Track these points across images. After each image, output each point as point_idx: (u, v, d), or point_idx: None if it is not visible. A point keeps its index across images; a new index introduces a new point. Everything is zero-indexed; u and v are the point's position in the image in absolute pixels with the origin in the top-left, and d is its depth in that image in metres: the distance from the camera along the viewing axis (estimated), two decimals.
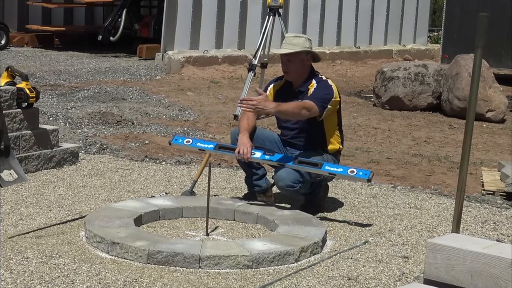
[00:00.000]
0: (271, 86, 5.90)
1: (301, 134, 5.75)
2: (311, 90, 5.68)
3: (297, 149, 5.78)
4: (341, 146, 5.89)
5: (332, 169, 5.51)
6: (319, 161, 5.55)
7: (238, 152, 5.59)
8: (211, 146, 5.81)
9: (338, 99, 5.74)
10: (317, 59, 5.86)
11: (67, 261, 4.57)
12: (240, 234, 5.32)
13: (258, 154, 5.61)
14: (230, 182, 6.73)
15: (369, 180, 5.45)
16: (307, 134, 5.74)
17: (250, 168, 5.90)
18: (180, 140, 5.87)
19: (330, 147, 5.79)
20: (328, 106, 5.62)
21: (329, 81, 5.79)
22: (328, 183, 6.11)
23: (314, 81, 5.74)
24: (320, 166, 5.50)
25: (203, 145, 5.83)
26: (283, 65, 5.76)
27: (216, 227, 5.42)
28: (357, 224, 5.67)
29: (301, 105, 5.53)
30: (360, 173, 5.44)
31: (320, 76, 5.81)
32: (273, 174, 5.92)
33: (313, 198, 5.89)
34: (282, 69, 5.82)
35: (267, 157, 5.61)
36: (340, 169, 5.52)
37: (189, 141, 5.83)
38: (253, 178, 5.92)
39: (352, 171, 5.46)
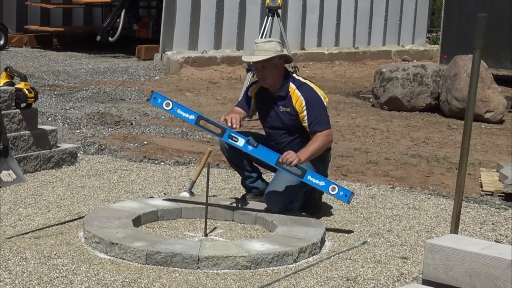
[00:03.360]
0: (250, 90, 5.75)
1: (290, 145, 5.62)
2: (302, 104, 5.46)
3: None
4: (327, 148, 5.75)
5: (314, 180, 5.26)
6: (304, 168, 5.32)
7: (226, 121, 5.33)
8: (192, 117, 5.26)
9: (327, 98, 5.64)
10: (289, 61, 5.75)
11: (66, 261, 4.56)
12: (238, 234, 5.32)
13: (241, 142, 5.29)
14: (228, 182, 6.73)
15: (348, 202, 5.33)
16: (296, 146, 5.54)
17: (244, 171, 5.91)
18: (159, 101, 5.26)
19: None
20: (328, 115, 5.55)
21: (309, 84, 5.60)
22: None
23: (293, 86, 5.52)
24: (303, 174, 5.28)
25: (183, 115, 5.28)
26: (258, 72, 5.58)
27: (215, 228, 5.42)
28: (355, 224, 5.67)
29: (322, 141, 5.42)
30: (341, 193, 5.24)
31: (295, 77, 5.60)
32: (270, 173, 5.93)
33: (310, 200, 5.88)
34: (256, 76, 5.66)
35: (249, 148, 5.28)
36: (322, 183, 5.28)
37: (168, 104, 5.24)
38: (249, 181, 5.92)
39: (333, 188, 5.25)
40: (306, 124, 5.51)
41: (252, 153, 5.36)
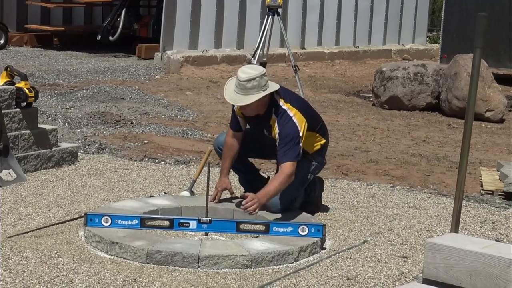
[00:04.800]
0: (236, 106, 5.60)
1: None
2: (276, 136, 5.36)
3: None
4: (322, 141, 5.70)
5: (281, 230, 5.06)
6: (266, 222, 5.17)
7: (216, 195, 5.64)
8: (135, 221, 5.09)
9: (304, 124, 5.37)
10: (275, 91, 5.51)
11: (66, 260, 4.57)
12: (239, 233, 5.31)
13: (193, 224, 5.14)
14: None
15: (323, 236, 5.09)
16: None
17: (240, 172, 5.92)
18: (97, 221, 5.03)
19: (312, 148, 5.66)
20: (300, 145, 5.34)
21: (289, 112, 5.36)
22: (324, 179, 6.10)
23: (274, 118, 5.38)
24: (267, 229, 5.08)
25: (126, 223, 5.07)
26: (241, 108, 5.45)
27: None
28: (356, 223, 5.67)
29: (283, 180, 5.28)
30: (312, 230, 5.02)
31: (280, 104, 5.40)
32: (267, 172, 5.93)
33: (310, 199, 5.88)
34: (240, 110, 5.51)
35: (204, 226, 5.14)
36: (289, 228, 5.06)
37: (107, 220, 5.04)
38: (246, 180, 5.92)
39: (303, 229, 5.03)
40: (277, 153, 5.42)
41: (208, 231, 5.21)
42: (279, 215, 5.39)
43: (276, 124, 5.39)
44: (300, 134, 5.36)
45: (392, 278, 4.59)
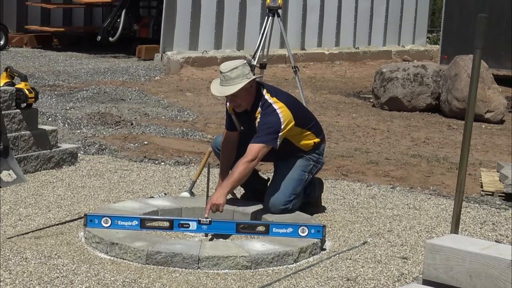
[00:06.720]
0: (228, 104, 5.65)
1: (273, 155, 5.57)
2: (257, 123, 5.41)
3: (278, 159, 5.69)
4: (316, 140, 5.70)
5: (281, 231, 5.05)
6: (266, 223, 5.19)
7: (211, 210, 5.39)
8: (135, 222, 5.10)
9: (289, 118, 5.40)
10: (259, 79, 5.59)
11: (66, 261, 4.57)
12: (239, 234, 5.31)
13: (193, 226, 5.13)
14: None
15: (323, 237, 5.08)
16: (279, 151, 5.51)
17: None
18: (97, 221, 5.03)
19: (307, 146, 5.66)
20: (279, 135, 5.35)
21: (275, 105, 5.40)
22: (323, 180, 6.09)
23: (259, 109, 5.43)
24: (267, 230, 5.10)
25: (126, 224, 5.07)
26: (231, 102, 5.47)
27: None
28: (356, 224, 5.67)
29: (244, 168, 5.28)
30: (312, 231, 5.02)
31: (266, 97, 5.45)
32: (266, 172, 5.94)
33: (310, 199, 5.88)
34: (231, 104, 5.54)
35: (204, 227, 5.13)
36: (289, 229, 5.05)
37: (107, 221, 5.04)
38: (245, 182, 5.91)
39: (303, 230, 5.02)
40: None
41: (207, 232, 5.21)
42: (278, 216, 5.39)
43: (259, 115, 5.42)
44: (282, 126, 5.36)
45: (392, 279, 4.59)
